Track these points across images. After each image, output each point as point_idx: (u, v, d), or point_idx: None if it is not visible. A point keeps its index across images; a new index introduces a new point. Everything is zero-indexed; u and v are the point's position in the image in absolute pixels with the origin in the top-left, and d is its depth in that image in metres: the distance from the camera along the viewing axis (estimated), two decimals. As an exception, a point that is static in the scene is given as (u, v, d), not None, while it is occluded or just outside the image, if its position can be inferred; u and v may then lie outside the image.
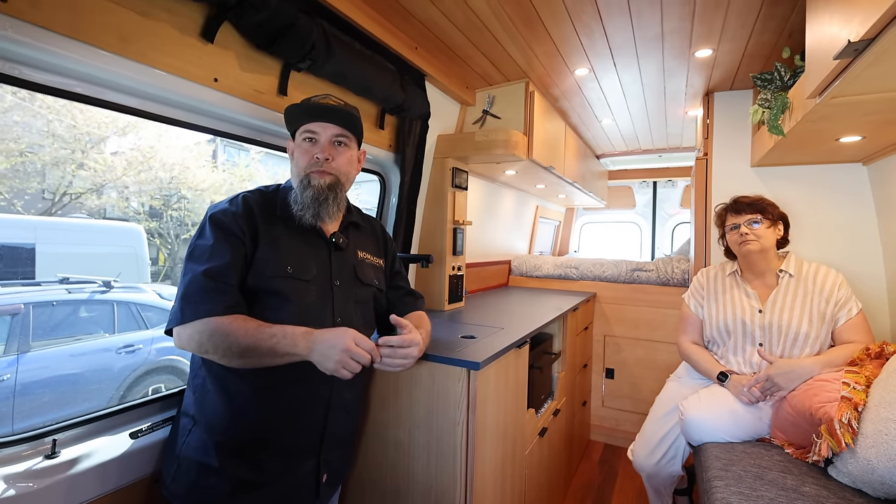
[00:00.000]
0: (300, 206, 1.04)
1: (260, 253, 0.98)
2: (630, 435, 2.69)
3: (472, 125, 2.21)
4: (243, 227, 0.97)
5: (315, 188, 1.04)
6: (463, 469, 1.17)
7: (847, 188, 1.92)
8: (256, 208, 1.02)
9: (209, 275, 0.90)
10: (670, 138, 3.20)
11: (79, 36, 0.86)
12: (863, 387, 1.18)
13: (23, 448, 0.90)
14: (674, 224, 4.56)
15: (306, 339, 0.90)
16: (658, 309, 2.74)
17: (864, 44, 0.82)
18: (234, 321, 0.89)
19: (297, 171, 1.07)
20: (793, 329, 1.52)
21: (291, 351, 0.90)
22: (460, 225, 2.11)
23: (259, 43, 1.18)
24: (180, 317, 0.89)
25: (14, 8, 0.77)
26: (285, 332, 0.90)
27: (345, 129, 1.09)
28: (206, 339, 0.88)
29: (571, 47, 1.76)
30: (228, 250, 0.94)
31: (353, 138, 1.13)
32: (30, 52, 0.83)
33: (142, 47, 0.96)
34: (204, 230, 0.97)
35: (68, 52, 0.86)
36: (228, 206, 1.00)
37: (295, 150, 1.09)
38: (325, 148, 1.06)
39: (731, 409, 1.49)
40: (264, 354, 0.89)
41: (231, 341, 0.87)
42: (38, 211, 4.90)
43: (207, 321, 0.88)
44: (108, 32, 0.90)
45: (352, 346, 0.89)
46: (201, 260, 0.92)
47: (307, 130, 1.07)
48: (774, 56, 1.76)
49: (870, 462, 1.06)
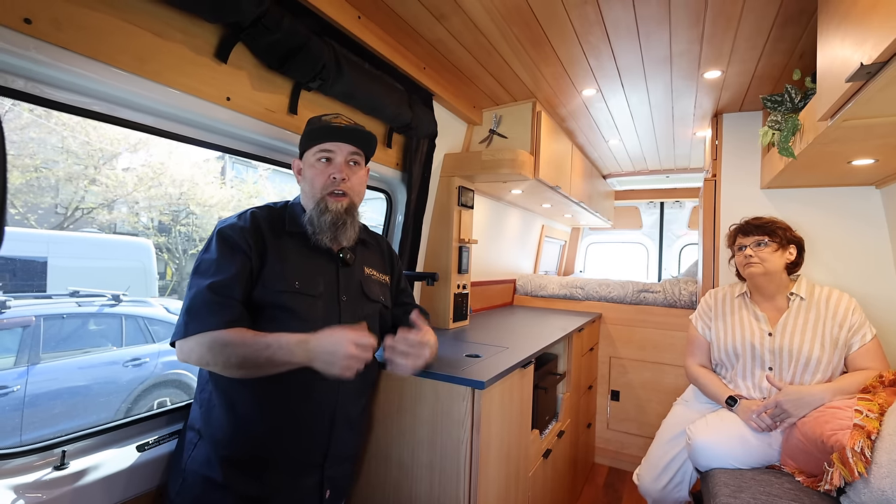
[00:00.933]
0: (317, 229, 1.05)
1: (268, 268, 0.99)
2: (635, 459, 2.63)
3: (479, 144, 2.23)
4: (250, 241, 0.98)
5: (333, 213, 1.05)
6: (466, 490, 1.15)
7: (859, 211, 1.89)
8: (264, 223, 1.03)
9: (213, 289, 0.91)
10: (678, 159, 3.20)
11: (98, 56, 0.89)
12: (876, 415, 1.16)
13: (33, 459, 0.91)
14: (681, 245, 4.53)
15: (303, 348, 0.89)
16: (665, 331, 2.70)
17: (876, 67, 0.81)
18: (233, 333, 0.89)
19: (313, 193, 1.07)
20: (804, 354, 1.49)
21: (289, 360, 0.89)
22: (466, 243, 2.11)
23: (271, 63, 1.21)
24: (184, 330, 0.90)
25: (38, 30, 0.81)
26: (280, 343, 0.89)
27: (359, 148, 1.11)
28: (206, 352, 0.88)
29: (579, 68, 1.78)
30: (233, 265, 0.95)
31: (364, 157, 1.15)
32: (51, 71, 0.85)
33: (158, 67, 0.99)
34: (210, 245, 0.98)
35: (87, 71, 0.89)
36: (237, 222, 1.01)
37: (307, 170, 1.10)
38: (341, 168, 1.07)
39: (741, 435, 1.45)
40: (262, 365, 0.89)
41: (230, 352, 0.88)
42: (50, 225, 4.98)
43: (207, 334, 0.88)
44: (126, 53, 0.94)
45: (353, 351, 0.87)
46: (206, 274, 0.93)
47: (323, 150, 1.08)
48: (785, 78, 1.76)
49: (884, 493, 1.03)
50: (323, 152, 1.08)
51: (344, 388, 1.06)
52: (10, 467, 0.88)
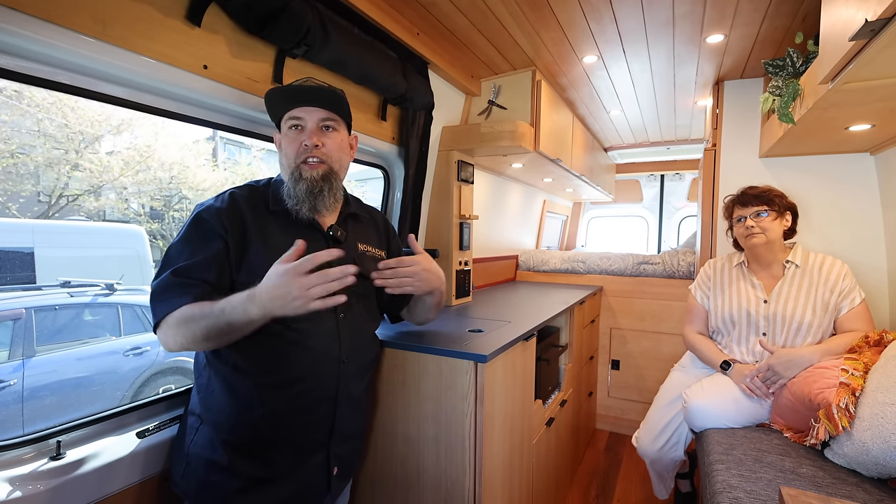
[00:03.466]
0: (294, 200, 1.00)
1: (253, 252, 0.94)
2: (634, 423, 2.73)
3: (478, 116, 2.17)
4: (227, 224, 0.93)
5: (308, 181, 1.00)
6: (472, 460, 1.16)
7: (854, 178, 1.91)
8: (245, 204, 0.98)
9: (177, 273, 0.88)
10: (679, 130, 3.17)
11: (52, 18, 0.81)
12: (861, 373, 1.21)
13: (27, 450, 0.89)
14: (680, 217, 4.54)
15: (252, 302, 0.81)
16: (664, 301, 2.74)
17: (881, 23, 0.81)
18: (192, 308, 0.85)
19: (287, 163, 1.03)
20: (796, 319, 1.53)
21: (248, 318, 0.82)
22: (466, 219, 2.08)
23: (250, 27, 1.13)
24: (154, 317, 0.88)
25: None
26: (232, 304, 0.83)
27: (331, 111, 1.05)
28: (176, 332, 0.85)
29: (580, 32, 1.72)
30: (204, 250, 0.91)
31: (342, 121, 1.08)
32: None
33: (122, 31, 0.91)
34: (182, 229, 0.94)
35: (41, 35, 0.81)
36: (213, 203, 0.97)
37: (283, 140, 1.05)
38: (312, 133, 1.02)
39: (734, 397, 1.52)
40: (228, 332, 0.84)
41: (194, 328, 0.84)
42: (34, 214, 4.85)
43: (172, 315, 0.85)
44: (83, 14, 0.85)
45: (302, 281, 0.78)
46: (172, 260, 0.90)
47: (292, 117, 1.02)
48: (787, 42, 1.73)
49: (865, 444, 1.10)
50: (292, 119, 1.03)
51: (345, 369, 1.04)
52: (4, 459, 0.86)
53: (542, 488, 1.72)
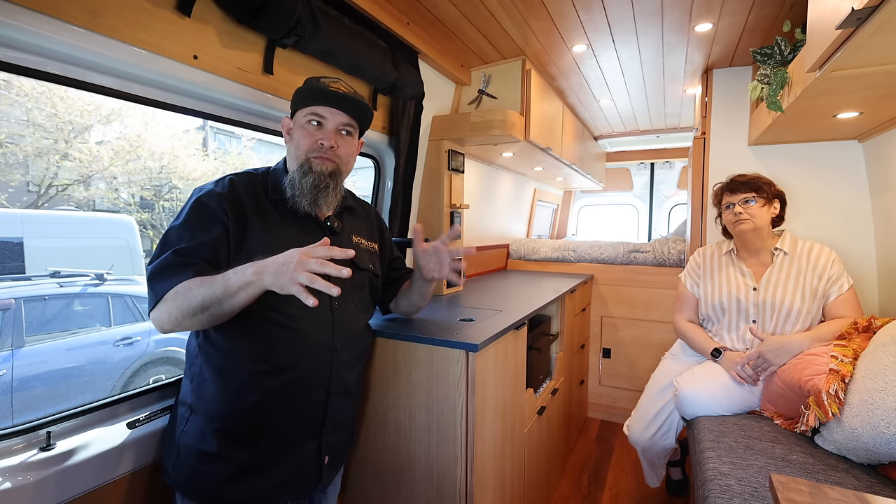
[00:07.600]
0: (297, 191, 1.00)
1: (251, 240, 0.95)
2: (626, 411, 2.73)
3: (468, 106, 2.16)
4: (227, 209, 0.94)
5: (316, 174, 1.01)
6: (463, 449, 1.18)
7: (842, 165, 1.93)
8: (243, 190, 0.99)
9: (178, 253, 0.88)
10: (668, 118, 3.18)
11: (41, 8, 0.80)
12: (850, 359, 1.22)
13: (16, 441, 0.89)
14: (671, 206, 4.56)
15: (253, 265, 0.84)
16: (654, 289, 2.76)
17: (867, 12, 0.81)
18: (191, 281, 0.86)
19: (297, 153, 1.03)
20: (786, 306, 1.54)
21: (242, 281, 0.83)
22: (457, 209, 2.08)
23: (239, 17, 1.12)
24: (152, 296, 0.87)
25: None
26: (233, 269, 0.85)
27: (353, 118, 1.06)
28: (172, 305, 0.85)
29: (569, 21, 1.71)
30: (203, 233, 0.91)
31: (358, 129, 1.11)
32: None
33: (112, 21, 0.91)
34: (182, 213, 0.94)
35: (30, 25, 0.80)
36: (213, 188, 0.97)
37: (296, 131, 1.05)
38: (330, 135, 1.03)
39: (724, 384, 1.52)
40: (221, 299, 0.84)
41: (191, 297, 0.84)
42: (23, 204, 4.78)
43: (171, 290, 0.86)
44: (71, 4, 0.85)
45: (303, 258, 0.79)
46: (172, 242, 0.90)
47: (314, 113, 1.03)
48: (775, 30, 1.73)
49: (854, 430, 1.10)
50: (314, 115, 1.03)
51: (338, 357, 1.05)
52: (-7, 451, 0.86)
53: (534, 477, 1.73)
